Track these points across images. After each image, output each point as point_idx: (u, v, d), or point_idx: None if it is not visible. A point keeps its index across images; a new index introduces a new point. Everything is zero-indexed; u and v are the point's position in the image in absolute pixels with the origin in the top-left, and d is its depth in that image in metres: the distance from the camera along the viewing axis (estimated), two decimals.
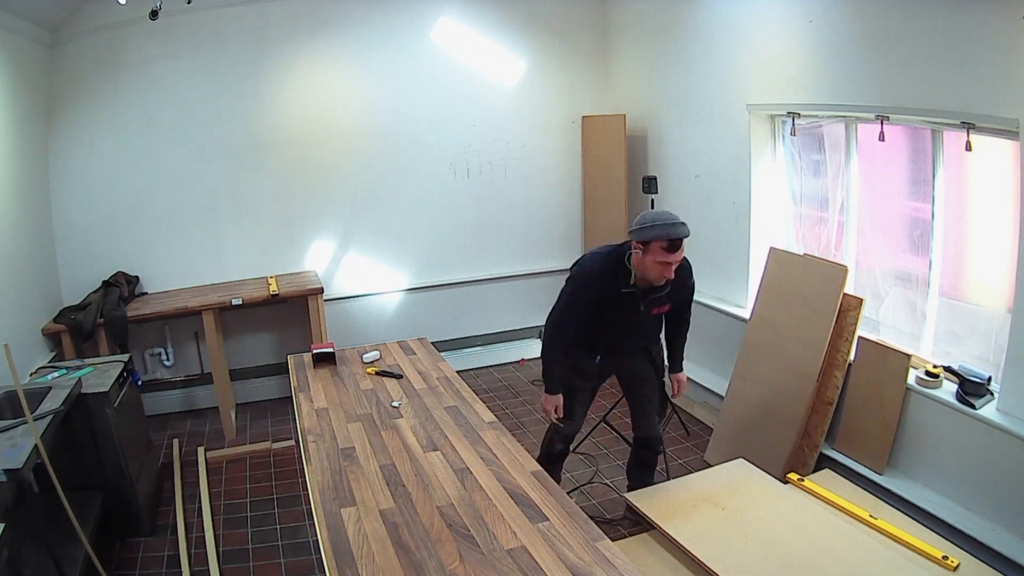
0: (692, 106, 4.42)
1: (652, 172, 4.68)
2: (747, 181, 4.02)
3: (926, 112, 2.94)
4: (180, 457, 4.13)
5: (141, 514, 3.30)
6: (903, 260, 3.41)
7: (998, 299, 2.97)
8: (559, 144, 5.34)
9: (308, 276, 4.76)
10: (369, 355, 3.36)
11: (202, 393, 4.77)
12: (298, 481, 3.78)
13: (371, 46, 4.77)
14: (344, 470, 2.32)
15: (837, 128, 3.59)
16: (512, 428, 4.22)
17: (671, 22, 4.50)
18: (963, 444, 2.91)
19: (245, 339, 4.85)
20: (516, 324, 5.49)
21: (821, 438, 3.44)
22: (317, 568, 3.06)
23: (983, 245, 3.05)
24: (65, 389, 2.90)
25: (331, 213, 4.90)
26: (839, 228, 3.71)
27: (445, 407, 2.79)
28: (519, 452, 2.41)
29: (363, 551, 1.89)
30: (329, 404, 2.86)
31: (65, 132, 4.23)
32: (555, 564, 1.80)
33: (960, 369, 2.97)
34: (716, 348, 4.35)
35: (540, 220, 5.41)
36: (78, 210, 4.31)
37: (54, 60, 4.13)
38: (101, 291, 4.22)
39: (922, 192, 3.24)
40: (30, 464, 2.37)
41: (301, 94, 4.68)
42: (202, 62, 4.42)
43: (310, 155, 4.76)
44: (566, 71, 5.25)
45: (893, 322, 3.46)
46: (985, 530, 2.76)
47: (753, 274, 4.06)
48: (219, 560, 3.14)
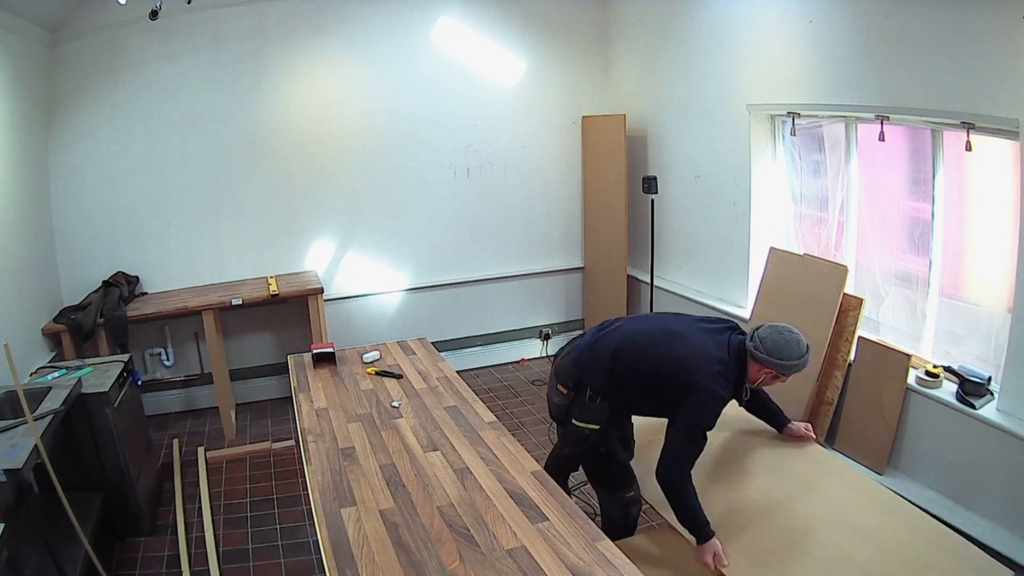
0: (692, 106, 4.42)
1: (652, 172, 4.68)
2: (747, 181, 4.02)
3: (926, 112, 2.94)
4: (180, 457, 4.13)
5: (141, 514, 3.30)
6: (903, 260, 3.41)
7: (998, 299, 2.97)
8: (559, 144, 5.34)
9: (308, 276, 4.76)
10: (369, 355, 3.36)
11: (202, 393, 4.77)
12: (298, 481, 3.78)
13: (371, 46, 4.76)
14: (344, 470, 2.32)
15: (837, 128, 3.59)
16: (512, 428, 4.22)
17: (671, 22, 4.50)
18: (963, 444, 2.91)
19: (245, 339, 4.85)
20: (516, 324, 5.49)
21: (821, 438, 3.44)
22: (317, 568, 3.06)
23: (983, 245, 3.05)
24: (65, 389, 2.90)
25: (331, 213, 4.90)
26: (839, 228, 3.71)
27: (445, 407, 2.79)
28: (519, 452, 2.41)
29: (363, 551, 1.89)
30: (329, 404, 2.86)
31: (65, 132, 4.23)
32: (555, 564, 1.80)
33: (960, 369, 2.97)
34: None
35: (540, 220, 5.41)
36: (78, 210, 4.31)
37: (54, 60, 4.13)
38: (101, 291, 4.22)
39: (922, 192, 3.24)
40: (30, 464, 2.37)
41: (301, 94, 4.68)
42: (202, 62, 4.42)
43: (310, 155, 4.76)
44: (566, 71, 5.25)
45: (893, 322, 3.46)
46: (985, 530, 2.76)
47: (753, 274, 4.06)
48: (219, 560, 3.14)
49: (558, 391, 2.62)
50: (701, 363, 2.31)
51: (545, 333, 5.57)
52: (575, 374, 2.56)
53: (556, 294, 5.57)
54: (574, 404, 2.54)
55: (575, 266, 5.54)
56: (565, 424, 2.61)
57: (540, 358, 5.54)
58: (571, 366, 2.58)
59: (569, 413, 2.57)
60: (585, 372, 2.52)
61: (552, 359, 2.82)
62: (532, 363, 5.47)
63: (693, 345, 2.37)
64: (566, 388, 2.58)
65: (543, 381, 5.10)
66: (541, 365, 5.42)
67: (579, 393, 2.53)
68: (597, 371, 2.49)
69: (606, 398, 2.49)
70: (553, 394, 2.66)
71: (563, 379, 2.60)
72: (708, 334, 2.43)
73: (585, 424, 2.51)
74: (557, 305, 5.59)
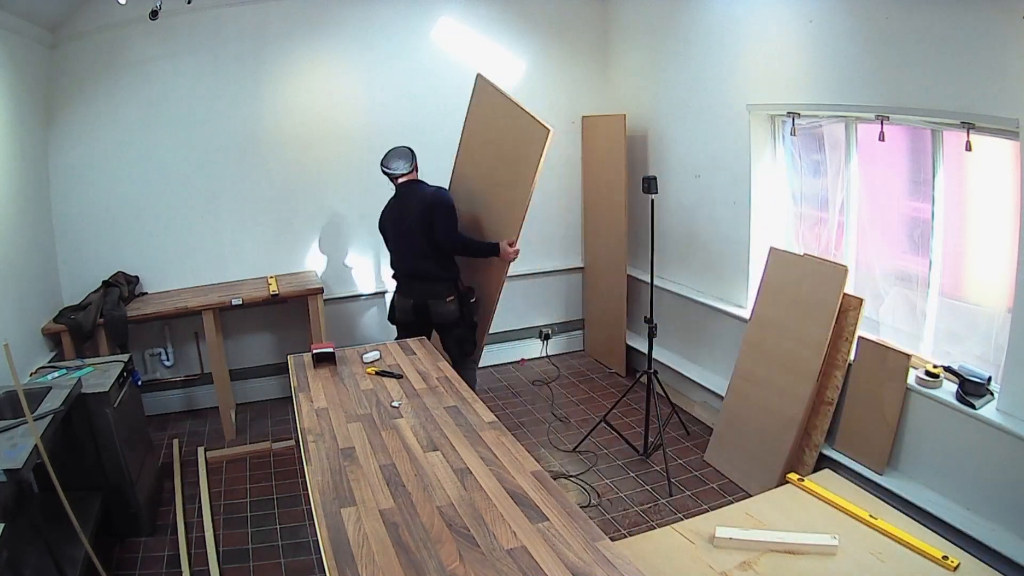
0: (692, 106, 4.42)
1: (652, 172, 4.66)
2: (747, 181, 4.02)
3: (926, 112, 2.94)
4: (180, 457, 4.13)
5: (141, 514, 3.30)
6: (903, 260, 3.41)
7: (998, 299, 2.96)
8: (559, 144, 5.30)
9: (308, 276, 4.76)
10: (369, 355, 3.36)
11: (202, 393, 4.77)
12: (298, 481, 3.79)
13: (372, 46, 4.77)
14: (344, 470, 2.32)
15: (837, 128, 3.59)
16: (512, 428, 4.23)
17: (671, 22, 4.50)
18: (963, 444, 2.91)
19: (245, 339, 4.85)
20: (516, 324, 5.49)
21: (821, 438, 3.44)
22: (317, 568, 3.06)
23: (983, 245, 3.04)
24: (65, 389, 2.90)
25: (331, 213, 4.90)
26: (839, 228, 3.71)
27: (445, 407, 2.79)
28: (519, 452, 2.41)
29: (363, 551, 1.89)
30: (329, 404, 2.86)
31: (65, 132, 4.23)
32: (555, 564, 1.80)
33: (960, 369, 2.97)
34: (716, 348, 4.36)
35: (540, 220, 5.39)
36: (78, 210, 4.31)
37: (54, 60, 4.13)
38: (101, 291, 4.22)
39: (922, 192, 3.24)
40: (30, 464, 2.37)
41: (301, 94, 4.68)
42: (202, 62, 4.42)
43: (310, 155, 4.76)
44: (566, 71, 5.25)
45: (893, 322, 3.46)
46: (985, 530, 2.76)
47: (753, 274, 4.06)
48: (219, 560, 3.14)
49: (447, 303, 3.77)
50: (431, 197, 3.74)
51: (545, 333, 5.57)
52: (440, 284, 3.79)
53: (556, 294, 5.57)
54: (459, 297, 3.81)
55: (575, 266, 5.55)
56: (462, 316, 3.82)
57: (540, 358, 5.54)
58: (425, 284, 3.79)
59: (462, 308, 3.80)
60: (433, 276, 3.76)
61: (395, 301, 3.95)
62: (532, 363, 5.47)
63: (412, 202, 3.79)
64: (451, 294, 3.78)
65: (543, 381, 5.11)
66: (541, 365, 5.42)
67: (455, 289, 3.81)
68: (432, 268, 3.75)
69: (450, 270, 3.81)
70: (443, 310, 3.77)
71: (440, 294, 3.77)
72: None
73: (471, 297, 3.86)
74: (557, 305, 5.59)
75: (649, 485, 3.71)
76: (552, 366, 5.39)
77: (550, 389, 4.98)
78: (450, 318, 3.79)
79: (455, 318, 3.79)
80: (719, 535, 2.50)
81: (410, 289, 3.84)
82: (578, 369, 5.33)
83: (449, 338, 3.88)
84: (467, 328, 3.86)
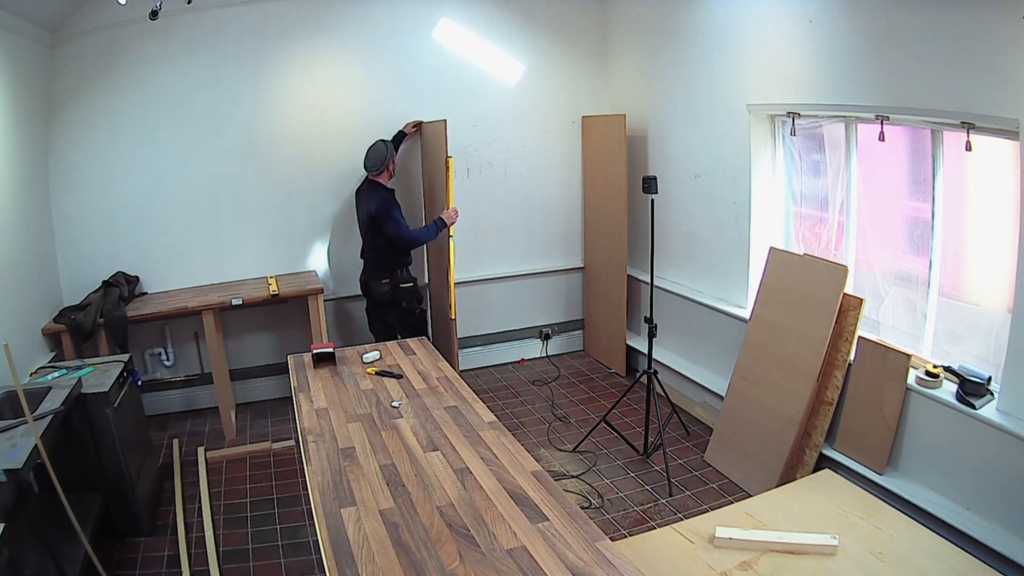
0: (692, 106, 4.42)
1: (652, 172, 4.67)
2: (747, 181, 4.02)
3: (926, 112, 2.94)
4: (180, 457, 4.13)
5: (141, 514, 3.30)
6: (903, 260, 3.41)
7: (998, 299, 2.96)
8: (559, 144, 5.34)
9: (308, 276, 4.76)
10: (369, 355, 3.36)
11: (202, 393, 4.77)
12: (298, 481, 3.79)
13: (371, 46, 4.77)
14: (344, 470, 2.32)
15: (837, 128, 3.59)
16: (512, 428, 4.23)
17: (671, 22, 4.50)
18: (963, 444, 2.91)
19: (245, 339, 4.85)
20: (516, 324, 5.49)
21: (821, 438, 3.44)
22: (317, 568, 3.06)
23: (983, 245, 3.04)
24: (65, 389, 2.90)
25: (331, 213, 4.90)
26: (839, 228, 3.71)
27: (445, 407, 2.79)
28: (519, 452, 2.41)
29: (363, 551, 1.89)
30: (329, 404, 2.86)
31: (65, 132, 4.23)
32: (555, 564, 1.80)
33: (960, 369, 2.97)
34: (716, 348, 4.36)
35: (540, 220, 5.41)
36: (78, 210, 4.31)
37: (54, 60, 4.13)
38: (101, 291, 4.22)
39: (922, 192, 3.24)
40: (30, 464, 2.37)
41: (302, 94, 4.68)
42: (202, 62, 4.42)
43: (310, 155, 4.76)
44: (566, 71, 5.25)
45: (893, 322, 3.46)
46: (985, 530, 2.76)
47: (753, 274, 4.06)
48: (219, 560, 3.14)
49: (381, 284, 4.42)
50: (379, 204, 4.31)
51: (545, 333, 5.57)
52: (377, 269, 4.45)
53: (556, 294, 5.57)
54: (393, 281, 4.43)
55: (575, 266, 5.55)
56: (395, 297, 4.46)
57: (540, 358, 5.54)
58: (369, 267, 4.51)
59: (395, 290, 4.44)
60: (372, 262, 4.49)
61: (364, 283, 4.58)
62: (532, 363, 5.48)
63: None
64: (385, 277, 4.43)
65: (543, 381, 5.11)
66: (541, 365, 5.42)
67: (390, 274, 4.44)
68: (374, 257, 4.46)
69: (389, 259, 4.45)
70: (378, 289, 4.43)
71: (376, 276, 4.44)
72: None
73: (405, 284, 4.49)
74: (557, 305, 5.59)
75: (649, 485, 3.71)
76: (552, 366, 5.39)
77: (550, 389, 4.98)
78: (384, 297, 4.46)
79: (388, 298, 4.47)
80: (719, 535, 2.51)
81: (363, 270, 4.61)
82: (578, 369, 5.33)
83: (390, 315, 4.54)
84: (406, 310, 4.56)
